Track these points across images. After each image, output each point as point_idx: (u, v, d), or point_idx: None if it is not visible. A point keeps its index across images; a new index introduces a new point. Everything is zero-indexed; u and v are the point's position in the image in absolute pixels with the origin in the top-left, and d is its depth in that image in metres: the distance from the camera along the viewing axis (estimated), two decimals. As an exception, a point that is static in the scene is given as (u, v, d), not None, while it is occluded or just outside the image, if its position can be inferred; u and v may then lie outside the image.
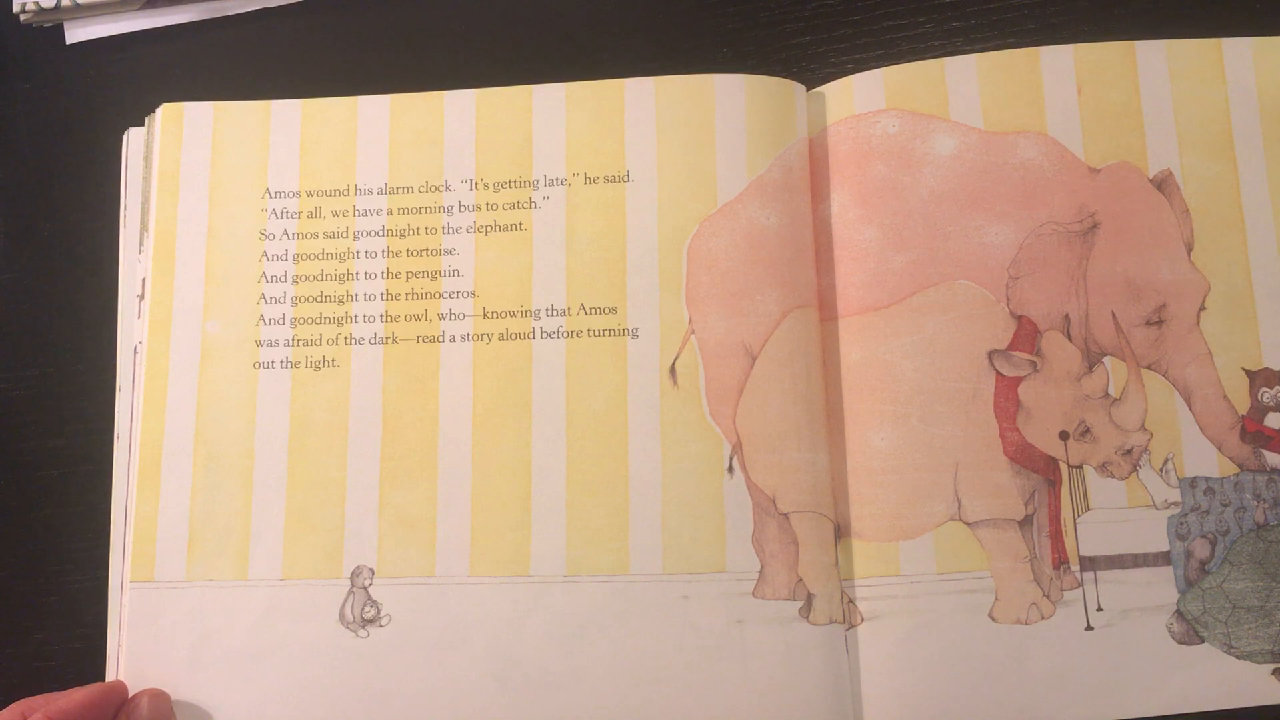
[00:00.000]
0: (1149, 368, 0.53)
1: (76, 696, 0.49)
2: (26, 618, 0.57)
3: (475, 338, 0.55)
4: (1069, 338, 0.54)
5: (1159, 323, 0.54)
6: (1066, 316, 0.54)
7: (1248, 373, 0.53)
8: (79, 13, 0.62)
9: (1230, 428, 0.53)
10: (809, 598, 0.52)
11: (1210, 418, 0.53)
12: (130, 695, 0.52)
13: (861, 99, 0.56)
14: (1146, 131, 0.55)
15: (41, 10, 0.61)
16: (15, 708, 0.48)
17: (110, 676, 0.54)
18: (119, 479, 0.56)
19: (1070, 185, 0.55)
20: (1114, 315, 0.54)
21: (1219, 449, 0.53)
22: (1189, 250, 0.54)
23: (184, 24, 0.62)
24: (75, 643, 0.56)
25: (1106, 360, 0.54)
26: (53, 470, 0.58)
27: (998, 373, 0.53)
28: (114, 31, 0.62)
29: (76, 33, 0.63)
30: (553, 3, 0.62)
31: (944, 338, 0.53)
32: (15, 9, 0.62)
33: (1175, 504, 0.52)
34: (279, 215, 0.57)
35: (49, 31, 0.63)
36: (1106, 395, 0.53)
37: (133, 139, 0.59)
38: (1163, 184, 0.54)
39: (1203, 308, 0.54)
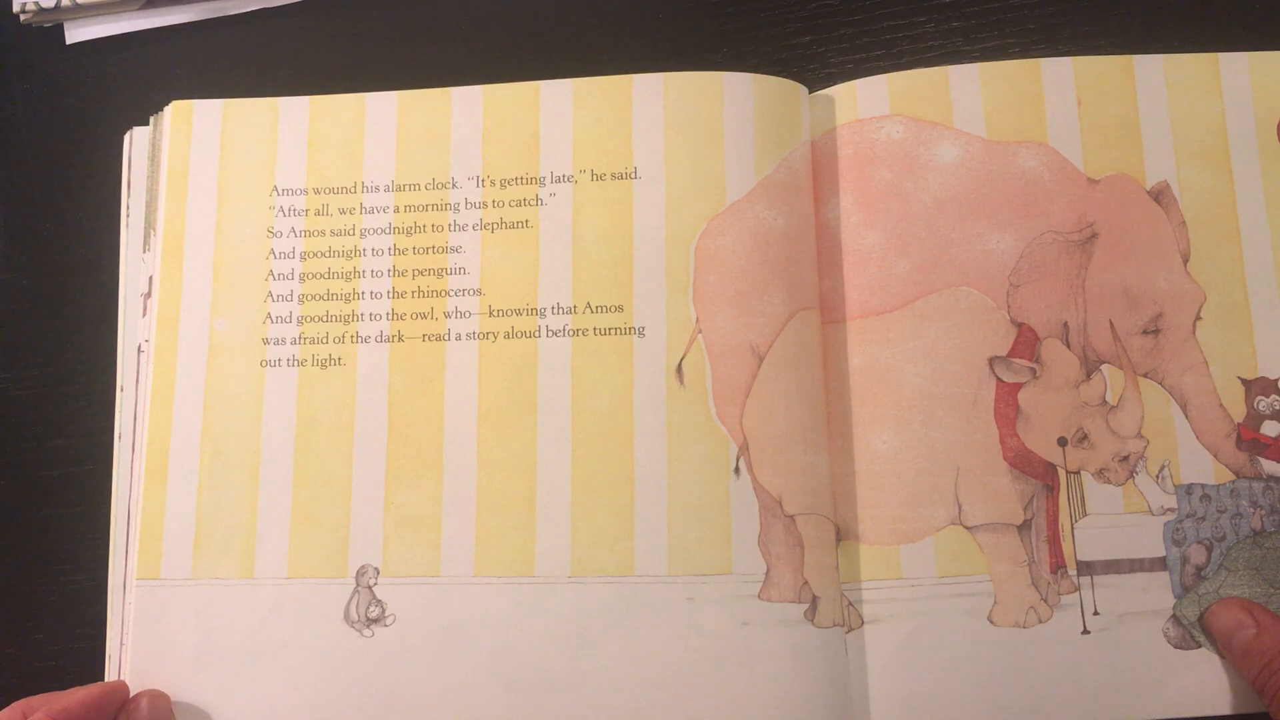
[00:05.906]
0: (1146, 375, 0.54)
1: (77, 696, 0.49)
2: (26, 618, 0.56)
3: (481, 336, 0.55)
4: (1067, 345, 0.54)
5: (1155, 331, 0.54)
6: (1065, 324, 0.54)
7: (1243, 381, 0.53)
8: (79, 13, 0.61)
9: (1226, 435, 0.53)
10: (814, 600, 0.51)
11: (1206, 425, 0.53)
12: (131, 695, 0.51)
13: (865, 104, 0.56)
14: (1144, 144, 0.55)
15: (41, 10, 0.61)
16: (15, 707, 0.47)
17: (111, 675, 0.53)
18: (119, 479, 0.55)
19: (1069, 195, 0.55)
20: (1111, 324, 0.54)
21: (1215, 456, 0.53)
22: (1185, 261, 0.54)
23: (184, 24, 0.62)
24: (75, 643, 0.56)
25: (1104, 368, 0.54)
26: (53, 470, 0.58)
27: (998, 379, 0.53)
28: (114, 31, 0.62)
29: (76, 33, 0.62)
30: (554, 1, 0.61)
31: (946, 343, 0.54)
32: (15, 9, 0.61)
33: (1171, 510, 0.52)
34: (286, 213, 0.57)
35: (49, 31, 0.63)
36: (1104, 402, 0.54)
37: (136, 138, 0.58)
38: (1159, 195, 0.55)
39: (1199, 317, 0.54)
